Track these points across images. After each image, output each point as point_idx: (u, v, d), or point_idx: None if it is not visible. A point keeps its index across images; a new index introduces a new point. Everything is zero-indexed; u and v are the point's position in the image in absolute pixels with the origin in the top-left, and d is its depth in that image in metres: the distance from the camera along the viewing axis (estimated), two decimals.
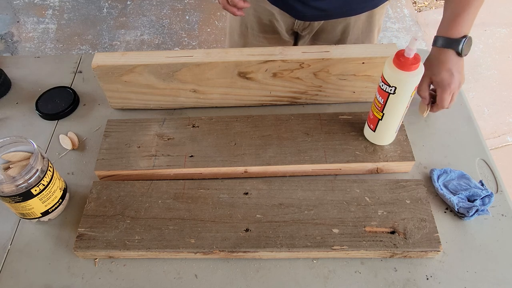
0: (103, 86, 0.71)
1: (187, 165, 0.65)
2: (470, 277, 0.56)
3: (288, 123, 0.70)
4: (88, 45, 2.15)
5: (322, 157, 0.65)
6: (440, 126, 0.73)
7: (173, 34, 2.19)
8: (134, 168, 0.65)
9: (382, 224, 0.58)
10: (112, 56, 0.69)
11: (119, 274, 0.57)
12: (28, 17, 2.30)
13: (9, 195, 0.55)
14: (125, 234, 0.58)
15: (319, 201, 0.60)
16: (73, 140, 0.72)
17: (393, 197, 0.60)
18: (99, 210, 0.60)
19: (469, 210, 0.59)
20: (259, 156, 0.66)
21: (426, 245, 0.56)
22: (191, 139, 0.68)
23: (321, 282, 0.56)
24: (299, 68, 0.68)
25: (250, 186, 0.62)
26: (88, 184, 0.66)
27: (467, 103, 0.76)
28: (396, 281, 0.56)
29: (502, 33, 2.18)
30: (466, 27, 0.67)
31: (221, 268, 0.57)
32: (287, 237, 0.57)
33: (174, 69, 0.68)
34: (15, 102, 0.79)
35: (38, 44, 2.16)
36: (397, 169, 0.66)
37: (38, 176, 0.56)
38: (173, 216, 0.59)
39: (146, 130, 0.70)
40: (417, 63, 0.54)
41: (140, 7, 2.34)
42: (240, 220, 0.59)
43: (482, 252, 0.58)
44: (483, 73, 1.99)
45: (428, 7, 2.36)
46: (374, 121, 0.63)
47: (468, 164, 0.67)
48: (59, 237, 0.61)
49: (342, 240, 0.56)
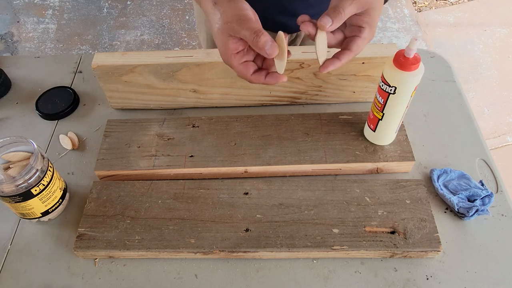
0: (103, 86, 0.71)
1: (187, 165, 0.65)
2: (470, 277, 0.56)
3: (288, 123, 0.70)
4: (88, 45, 2.15)
5: (322, 157, 0.65)
6: (440, 126, 0.73)
7: (173, 34, 2.19)
8: (134, 168, 0.65)
9: (382, 224, 0.58)
10: (112, 56, 0.69)
11: (119, 274, 0.57)
12: (28, 17, 2.30)
13: (9, 195, 0.55)
14: (125, 234, 0.58)
15: (319, 201, 0.60)
16: (73, 140, 0.72)
17: (393, 197, 0.60)
18: (99, 210, 0.60)
19: (469, 210, 0.59)
20: (259, 156, 0.66)
21: (426, 245, 0.56)
22: (191, 139, 0.68)
23: (321, 282, 0.56)
24: (299, 68, 0.68)
25: (250, 186, 0.62)
26: (88, 184, 0.66)
27: (467, 103, 0.76)
28: (396, 281, 0.56)
29: (502, 33, 2.18)
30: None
31: (221, 268, 0.57)
32: (287, 237, 0.57)
33: (174, 69, 0.68)
34: (15, 102, 0.79)
35: (38, 44, 2.16)
36: (397, 169, 0.66)
37: (38, 176, 0.56)
38: (173, 216, 0.59)
39: (146, 130, 0.70)
40: (417, 63, 0.54)
41: (140, 7, 2.34)
42: (240, 220, 0.59)
43: (482, 252, 0.58)
44: (483, 73, 1.99)
45: (428, 7, 2.36)
46: (374, 121, 0.63)
47: (468, 164, 0.67)
48: (59, 237, 0.61)
49: (342, 240, 0.56)
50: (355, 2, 0.50)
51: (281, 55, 0.50)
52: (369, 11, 0.51)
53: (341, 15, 0.49)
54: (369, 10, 0.51)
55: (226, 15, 0.50)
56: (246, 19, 0.49)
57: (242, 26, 0.48)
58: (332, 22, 0.49)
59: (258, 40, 0.47)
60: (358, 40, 0.52)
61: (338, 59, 0.53)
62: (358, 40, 0.52)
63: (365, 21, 0.52)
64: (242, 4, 0.51)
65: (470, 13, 2.31)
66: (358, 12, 0.51)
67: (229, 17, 0.49)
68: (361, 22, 0.52)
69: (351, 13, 0.50)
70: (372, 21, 0.52)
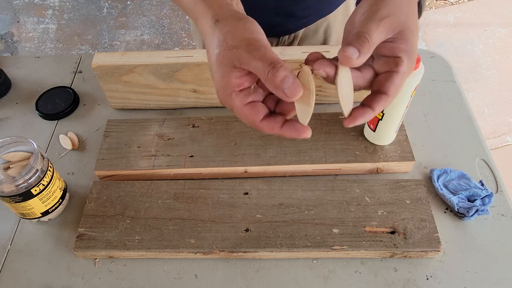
0: (103, 86, 0.71)
1: (187, 165, 0.65)
2: (470, 277, 0.56)
3: None
4: (88, 45, 2.15)
5: (322, 157, 0.65)
6: (440, 126, 0.73)
7: (173, 34, 2.19)
8: (134, 168, 0.65)
9: (382, 224, 0.58)
10: (112, 56, 0.69)
11: (119, 274, 0.57)
12: (28, 17, 2.30)
13: (9, 195, 0.55)
14: (125, 234, 0.58)
15: (319, 201, 0.60)
16: (73, 140, 0.72)
17: (393, 197, 0.60)
18: (99, 210, 0.60)
19: (469, 210, 0.59)
20: (259, 156, 0.66)
21: (426, 245, 0.56)
22: (191, 139, 0.68)
23: (321, 282, 0.56)
24: (299, 68, 0.68)
25: (250, 186, 0.62)
26: (88, 184, 0.66)
27: (467, 103, 0.76)
28: (396, 281, 0.56)
29: (502, 33, 2.18)
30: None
31: (221, 268, 0.57)
32: (287, 237, 0.57)
33: (174, 69, 0.68)
34: (15, 102, 0.79)
35: (38, 44, 2.16)
36: (397, 169, 0.66)
37: (38, 176, 0.56)
38: (173, 216, 0.59)
39: (146, 130, 0.70)
40: (417, 63, 0.54)
41: (140, 7, 2.34)
42: (240, 220, 0.59)
43: (482, 252, 0.58)
44: (483, 73, 1.99)
45: (428, 7, 2.36)
46: (374, 121, 0.63)
47: (468, 164, 0.67)
48: (59, 237, 0.61)
49: (342, 240, 0.56)
50: (383, 23, 0.37)
51: (307, 97, 0.36)
52: (404, 34, 0.38)
53: (369, 43, 0.36)
54: (404, 32, 0.38)
55: (231, 38, 0.37)
56: (259, 45, 0.36)
57: (253, 55, 0.36)
58: (359, 53, 0.36)
59: (275, 75, 0.35)
60: (395, 77, 0.38)
61: (370, 108, 0.39)
62: (395, 77, 0.38)
63: (402, 49, 0.38)
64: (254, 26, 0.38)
65: (470, 13, 2.31)
66: (389, 37, 0.38)
67: (236, 41, 0.37)
68: (396, 50, 0.38)
69: (381, 39, 0.38)
70: (411, 48, 0.38)
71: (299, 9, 0.76)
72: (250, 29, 0.38)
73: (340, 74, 0.37)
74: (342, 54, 0.36)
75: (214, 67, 0.38)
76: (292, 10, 0.76)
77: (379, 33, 0.37)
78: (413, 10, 0.39)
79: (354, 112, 0.39)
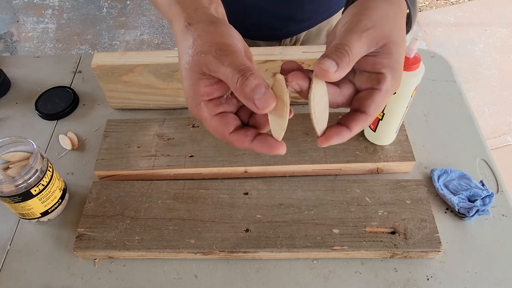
0: (103, 86, 0.71)
1: (187, 165, 0.65)
2: (471, 278, 0.56)
3: (288, 123, 0.70)
4: (87, 45, 2.15)
5: (322, 157, 0.65)
6: (441, 126, 0.73)
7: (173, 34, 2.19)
8: (134, 168, 0.65)
9: (382, 225, 0.58)
10: (112, 56, 0.68)
11: (119, 274, 0.57)
12: (28, 16, 2.30)
13: (8, 195, 0.55)
14: (125, 234, 0.58)
15: (319, 201, 0.60)
16: (73, 140, 0.72)
17: (393, 197, 0.60)
18: (99, 210, 0.60)
19: (469, 210, 0.59)
20: (259, 156, 0.65)
21: (426, 246, 0.56)
22: (191, 139, 0.68)
23: (321, 282, 0.56)
24: None
25: (250, 186, 0.62)
26: (88, 184, 0.66)
27: (467, 103, 0.76)
28: (397, 281, 0.56)
29: (502, 33, 2.18)
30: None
31: (221, 269, 0.57)
32: (287, 237, 0.57)
33: (174, 69, 0.68)
34: (14, 102, 0.79)
35: (37, 44, 2.16)
36: (397, 169, 0.66)
37: (38, 176, 0.56)
38: (173, 216, 0.59)
39: (146, 130, 0.70)
40: (417, 63, 0.54)
41: (140, 7, 2.34)
42: (240, 220, 0.59)
43: (483, 253, 0.58)
44: (484, 73, 1.99)
45: (428, 7, 2.36)
46: (374, 121, 0.63)
47: (468, 164, 0.67)
48: (59, 237, 0.61)
49: (342, 240, 0.56)
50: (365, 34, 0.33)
51: (280, 110, 0.33)
52: (388, 48, 0.34)
53: (348, 56, 0.32)
54: (388, 46, 0.34)
55: (201, 42, 0.33)
56: (230, 50, 0.33)
57: (221, 60, 0.32)
58: (337, 66, 0.32)
59: (244, 83, 0.31)
60: (377, 95, 0.35)
61: (347, 128, 0.36)
62: (377, 95, 0.35)
63: (385, 64, 0.34)
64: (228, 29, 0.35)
65: (470, 12, 2.31)
66: (372, 50, 0.34)
67: (205, 46, 0.33)
68: (379, 66, 0.35)
69: (362, 52, 0.34)
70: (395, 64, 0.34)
71: (299, 13, 0.76)
72: (223, 33, 0.34)
73: (314, 89, 0.33)
74: (318, 66, 0.32)
75: (183, 74, 0.35)
76: (292, 14, 0.76)
77: (360, 46, 0.33)
78: (400, 22, 0.36)
79: (329, 131, 0.36)
